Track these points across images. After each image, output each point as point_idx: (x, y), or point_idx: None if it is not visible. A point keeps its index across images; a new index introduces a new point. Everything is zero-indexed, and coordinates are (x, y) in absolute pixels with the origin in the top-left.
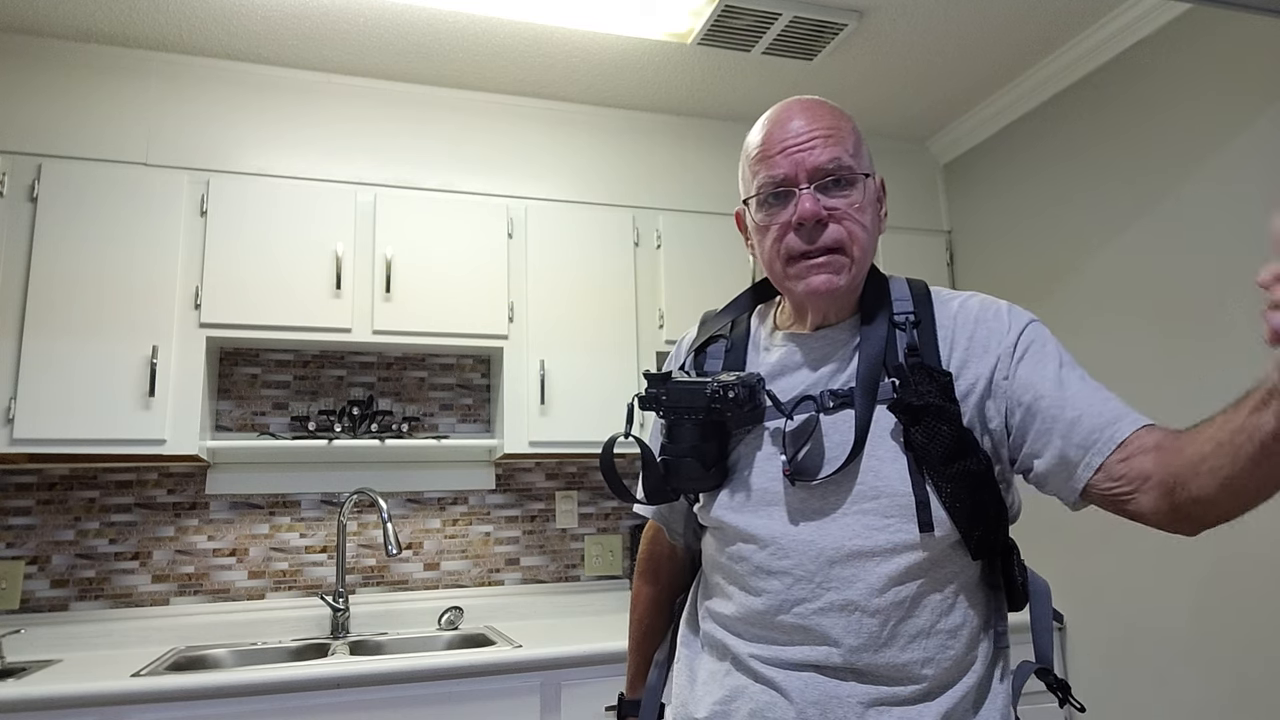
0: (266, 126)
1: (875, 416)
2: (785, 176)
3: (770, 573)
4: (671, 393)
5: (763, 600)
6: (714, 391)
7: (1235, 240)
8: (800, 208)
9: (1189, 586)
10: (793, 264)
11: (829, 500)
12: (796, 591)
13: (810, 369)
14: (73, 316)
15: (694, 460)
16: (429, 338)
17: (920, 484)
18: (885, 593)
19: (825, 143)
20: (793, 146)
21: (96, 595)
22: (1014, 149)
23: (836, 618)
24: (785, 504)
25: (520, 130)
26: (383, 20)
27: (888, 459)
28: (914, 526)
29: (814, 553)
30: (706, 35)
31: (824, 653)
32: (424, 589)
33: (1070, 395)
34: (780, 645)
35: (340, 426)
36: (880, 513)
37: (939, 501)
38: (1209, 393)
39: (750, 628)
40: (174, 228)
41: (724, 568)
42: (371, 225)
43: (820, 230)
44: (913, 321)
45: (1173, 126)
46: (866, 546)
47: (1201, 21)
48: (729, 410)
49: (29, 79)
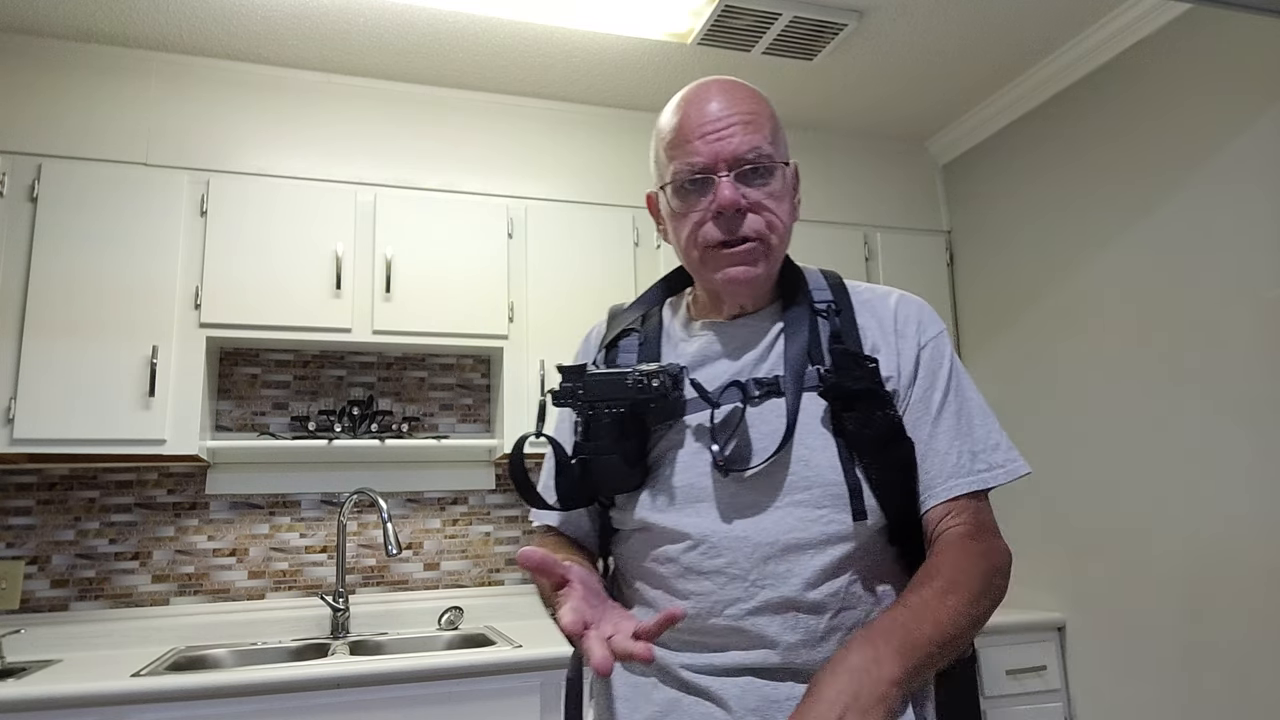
0: (266, 126)
1: (804, 404)
2: (704, 164)
3: (701, 573)
4: (589, 385)
5: (692, 603)
6: (636, 381)
7: (1235, 240)
8: (720, 196)
9: (1188, 588)
10: (710, 253)
11: (761, 493)
12: (729, 591)
13: (732, 358)
14: (73, 316)
15: (616, 458)
16: (429, 338)
17: (851, 471)
18: (821, 586)
19: (744, 129)
20: (711, 133)
21: (96, 595)
22: (1014, 149)
23: (773, 617)
24: (715, 499)
25: (520, 130)
26: (383, 20)
27: (818, 447)
28: (847, 516)
29: (748, 549)
30: (706, 35)
31: (760, 655)
32: (424, 589)
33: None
34: (713, 651)
35: (340, 426)
36: (813, 503)
37: (869, 489)
38: (1208, 393)
39: (677, 635)
40: (174, 228)
41: (647, 573)
42: (371, 225)
43: (739, 220)
44: (834, 310)
45: (1173, 126)
46: (801, 539)
47: (1201, 21)
48: (653, 401)
49: (29, 79)
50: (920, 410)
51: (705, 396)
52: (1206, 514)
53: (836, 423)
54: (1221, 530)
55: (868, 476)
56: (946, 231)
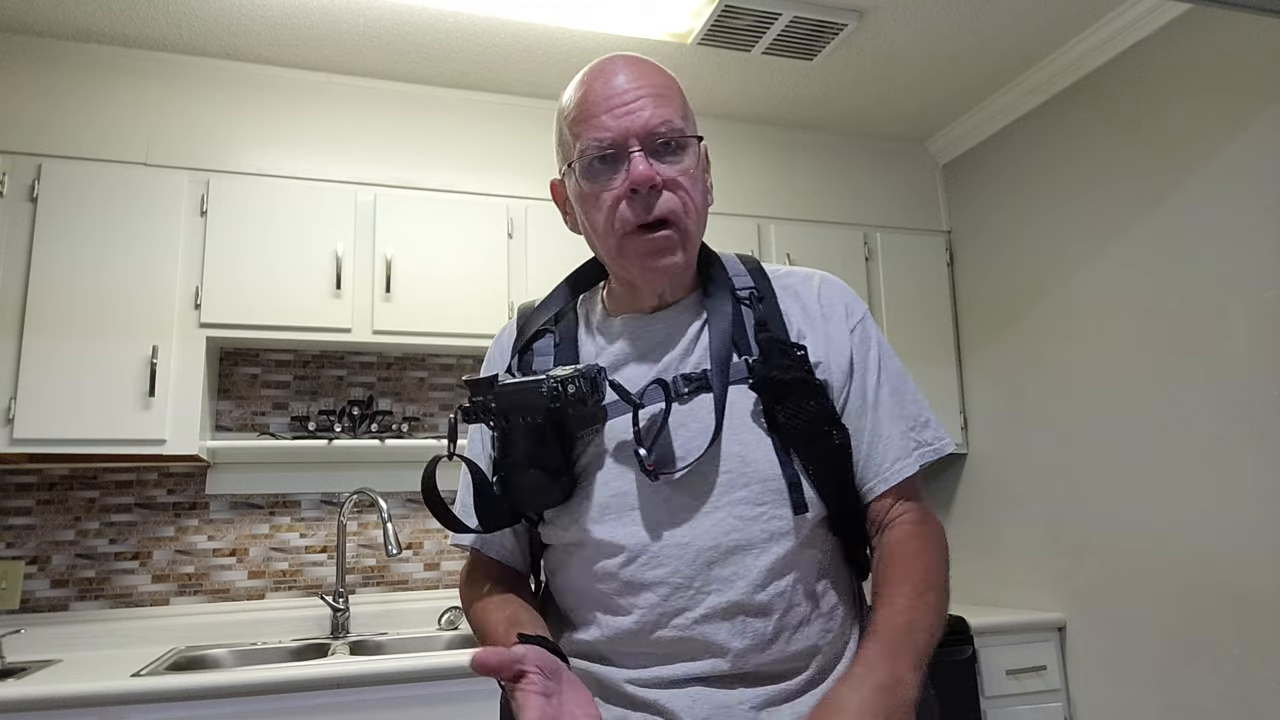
0: (266, 126)
1: (733, 397)
2: (613, 139)
3: (643, 585)
4: (501, 398)
5: (634, 618)
6: (551, 390)
7: (1235, 240)
8: (633, 172)
9: (1188, 588)
10: (629, 240)
11: (696, 495)
12: (674, 602)
13: (654, 354)
14: (73, 316)
15: (537, 472)
16: (429, 338)
17: (788, 464)
18: (768, 587)
19: (654, 102)
20: (619, 106)
21: (96, 595)
22: (1014, 149)
23: (720, 623)
24: (649, 506)
25: (520, 130)
26: (383, 20)
27: (751, 442)
28: (787, 510)
29: (690, 556)
30: (706, 35)
31: (710, 664)
32: (424, 589)
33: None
34: (659, 664)
35: (340, 426)
36: (752, 500)
37: (808, 480)
38: (1208, 392)
39: (619, 649)
40: (174, 228)
41: (585, 590)
42: (371, 225)
43: (655, 197)
44: (757, 296)
45: (1173, 126)
46: (743, 539)
47: (1201, 21)
48: (570, 408)
49: (29, 79)
50: (858, 396)
51: (627, 398)
52: (1207, 514)
53: (769, 415)
54: (1222, 530)
55: (804, 468)
56: (946, 231)
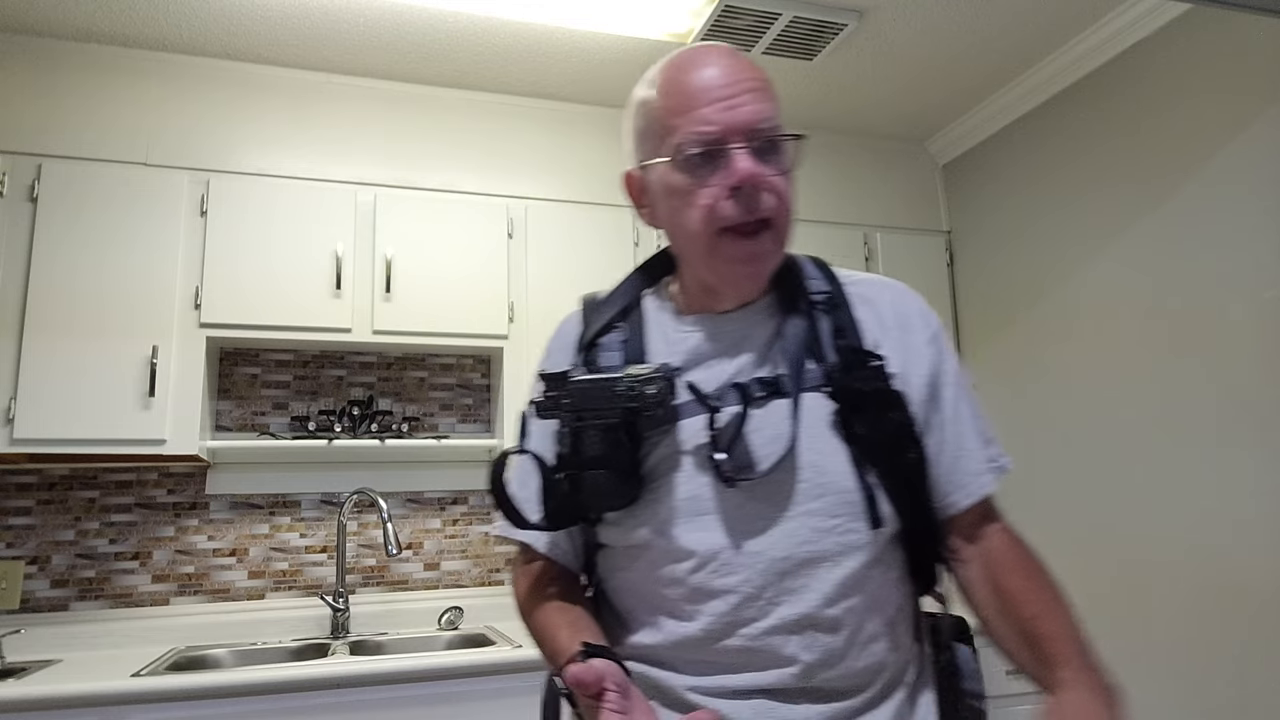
0: (266, 126)
1: (809, 405)
2: (718, 134)
3: (711, 593)
4: (575, 394)
5: (700, 624)
6: (629, 388)
7: (1235, 240)
8: (738, 170)
9: (1189, 588)
10: (725, 238)
11: (770, 503)
12: (743, 611)
13: (729, 355)
14: (73, 316)
15: (606, 472)
16: (429, 338)
17: (864, 476)
18: (839, 601)
19: (756, 97)
20: (721, 99)
21: (96, 595)
22: (1014, 149)
23: (789, 636)
24: (721, 512)
25: (520, 130)
26: (383, 20)
27: (828, 451)
28: (862, 524)
29: (763, 565)
30: (706, 35)
31: (776, 676)
32: (424, 589)
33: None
34: (723, 673)
35: (340, 426)
36: (827, 512)
37: (884, 494)
38: (1208, 392)
39: (682, 656)
40: (174, 228)
41: (648, 595)
42: (371, 225)
43: (757, 196)
44: (833, 302)
45: (1173, 126)
46: (817, 551)
47: (1201, 21)
48: (647, 409)
49: (29, 79)
50: (940, 409)
51: (703, 400)
52: (1207, 513)
53: (845, 425)
54: (1223, 530)
55: (881, 482)
56: (946, 231)
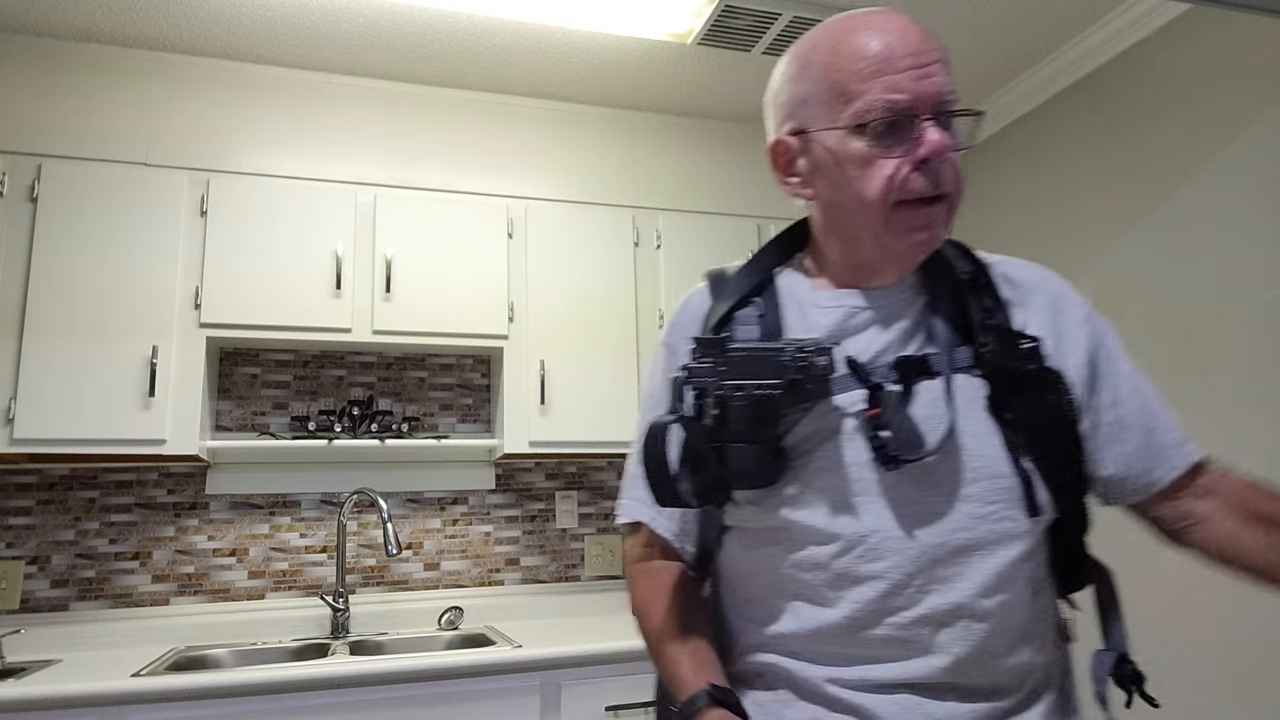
0: (266, 126)
1: (960, 386)
2: (910, 103)
3: (857, 579)
4: (733, 363)
5: (842, 611)
6: (794, 358)
7: (1235, 240)
8: (930, 141)
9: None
10: (902, 211)
11: (923, 487)
12: (892, 600)
13: (875, 333)
14: (73, 317)
15: (758, 447)
16: (429, 338)
17: (1020, 462)
18: (994, 593)
19: (942, 68)
20: (915, 67)
21: (96, 595)
22: (1014, 149)
23: (940, 627)
24: (873, 494)
25: (520, 130)
26: (383, 20)
27: (981, 435)
28: (1019, 512)
29: (915, 551)
30: (706, 35)
31: (923, 667)
32: (424, 589)
33: (1144, 401)
34: (864, 663)
35: (340, 426)
36: (982, 498)
37: (1042, 481)
38: (1208, 393)
39: (821, 646)
40: (174, 228)
41: (776, 579)
42: (371, 225)
43: (943, 170)
44: (981, 283)
45: (1173, 126)
46: (972, 539)
47: (1201, 21)
48: (810, 381)
49: (29, 79)
50: (1104, 386)
51: (863, 376)
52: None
53: (997, 408)
54: None
55: (1037, 468)
56: None
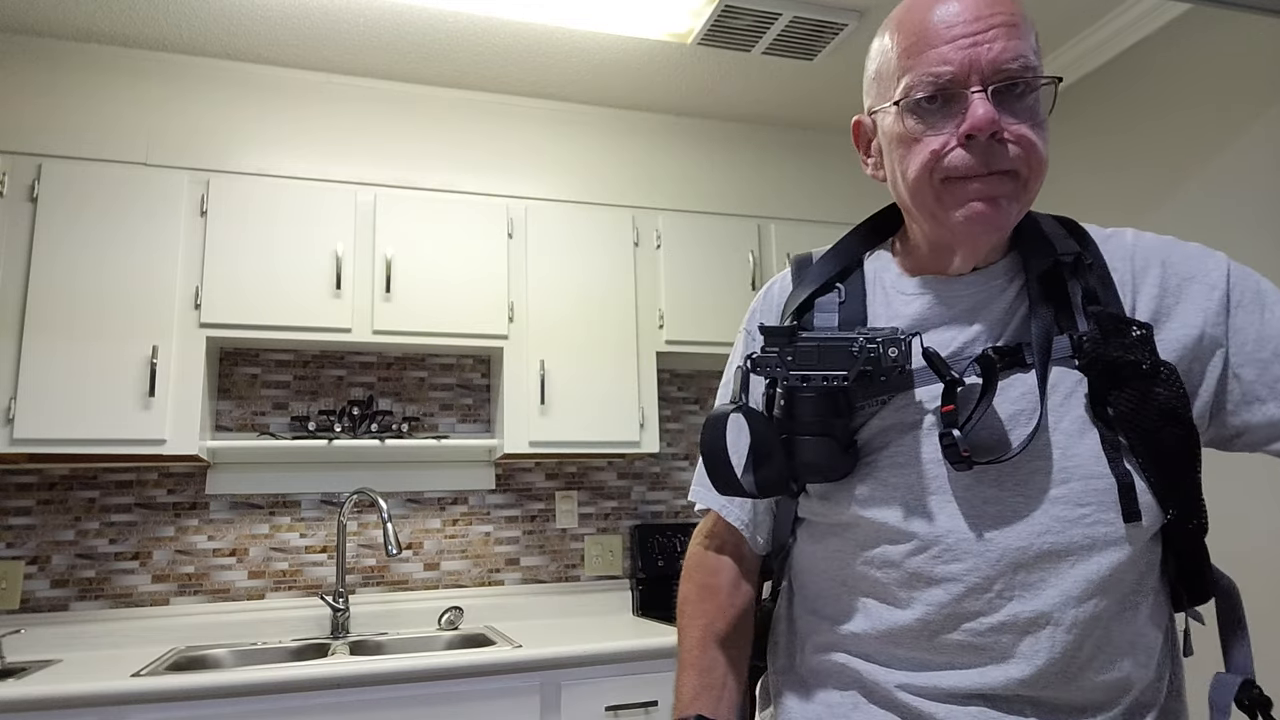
0: (266, 126)
1: (1054, 379)
2: (954, 75)
3: (932, 580)
4: (801, 353)
5: (915, 613)
6: (865, 349)
7: (1235, 240)
8: (973, 116)
9: None
10: (952, 185)
11: (1006, 487)
12: (968, 604)
13: (963, 322)
14: (73, 316)
15: (828, 440)
16: (429, 338)
17: (1119, 462)
18: (1085, 602)
19: (1006, 34)
20: (963, 36)
21: (96, 595)
22: None
23: (1022, 635)
24: (950, 493)
25: (520, 130)
26: (383, 20)
27: (1074, 432)
28: (1116, 516)
29: (995, 554)
30: (706, 35)
31: (1000, 677)
32: (424, 589)
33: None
34: (938, 670)
35: (340, 426)
36: (1073, 500)
37: (1144, 483)
38: None
39: (892, 649)
40: (174, 228)
41: (853, 577)
42: (371, 225)
43: (996, 149)
44: (1086, 263)
45: (1173, 126)
46: (1060, 544)
47: (1201, 21)
48: (882, 374)
49: (29, 79)
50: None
51: (938, 369)
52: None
53: (1098, 403)
54: (1222, 529)
55: (1140, 469)
56: None
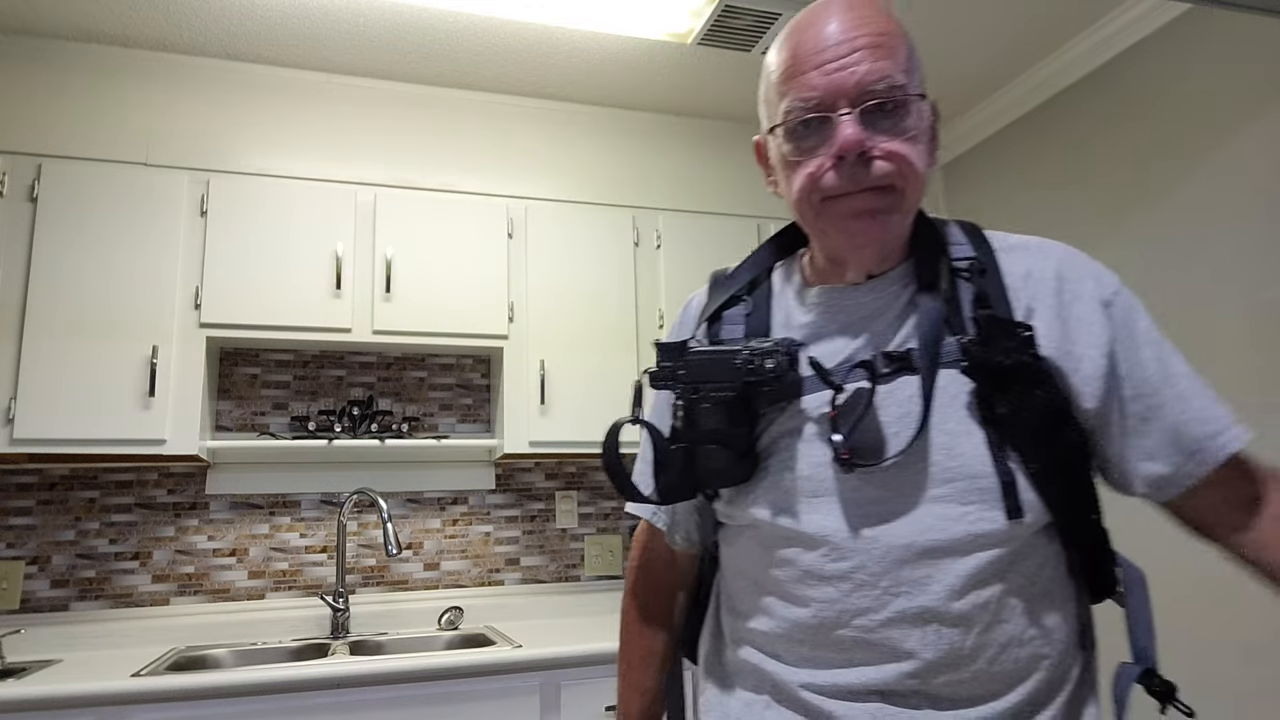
0: (266, 126)
1: (942, 382)
2: (820, 100)
3: (823, 578)
4: (692, 366)
5: (812, 611)
6: (747, 361)
7: (1234, 240)
8: (841, 137)
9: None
10: (829, 204)
11: (892, 488)
12: (857, 600)
13: (855, 330)
14: (73, 317)
15: (719, 447)
16: (429, 338)
17: (1002, 461)
18: (967, 595)
19: (871, 55)
20: (830, 61)
21: (96, 595)
22: (1013, 149)
23: (909, 629)
24: (838, 495)
25: (520, 130)
26: (383, 20)
27: (960, 433)
28: (999, 513)
29: (879, 552)
30: (706, 35)
31: (893, 673)
32: (424, 589)
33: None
34: (837, 668)
35: (340, 426)
36: (956, 499)
37: (1027, 481)
38: None
39: (796, 647)
40: (174, 228)
41: (758, 575)
42: (371, 225)
43: (865, 167)
44: (978, 268)
45: (1172, 126)
46: (943, 541)
47: (1201, 21)
48: (766, 384)
49: (29, 79)
50: (1129, 379)
51: (825, 377)
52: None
53: (984, 405)
54: None
55: (1025, 467)
56: None
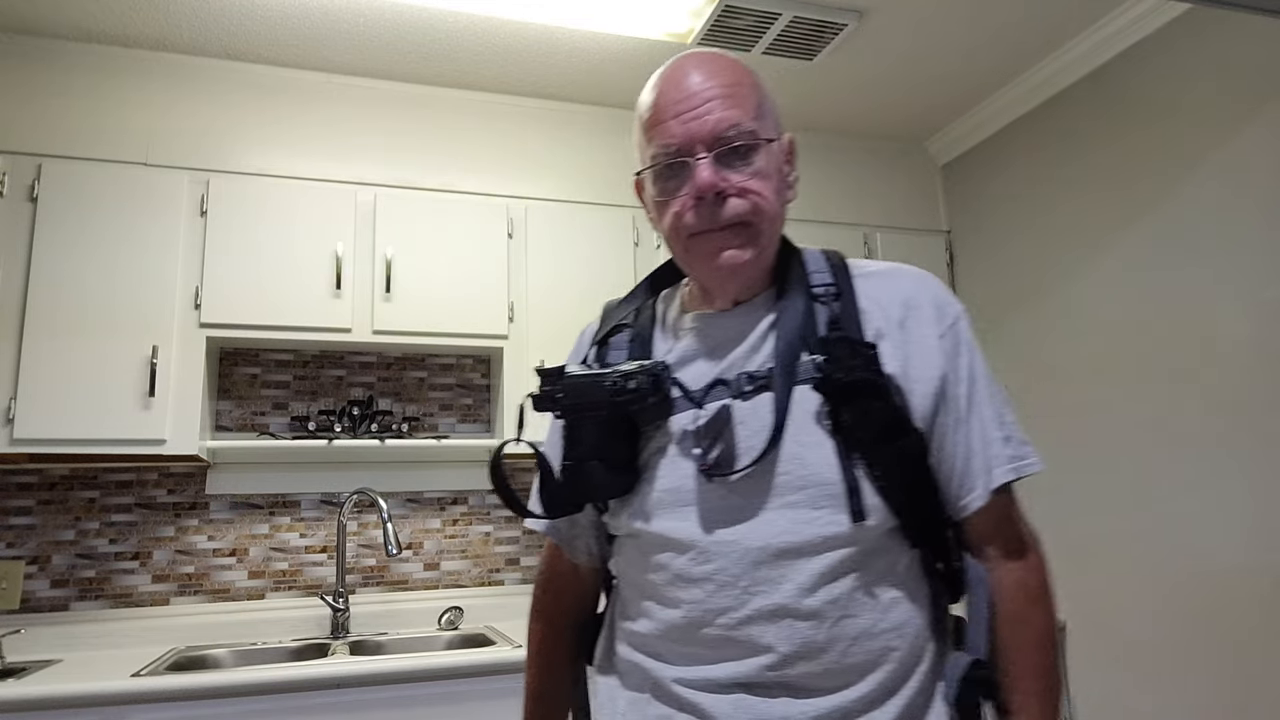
0: (266, 126)
1: (797, 398)
2: (678, 146)
3: (690, 580)
4: (568, 389)
5: (682, 612)
6: (614, 384)
7: (1234, 240)
8: (697, 180)
9: (1189, 589)
10: (694, 241)
11: (750, 495)
12: (719, 599)
13: (722, 352)
14: (73, 317)
15: (598, 464)
16: (429, 338)
17: (849, 469)
18: (817, 592)
19: (723, 104)
20: (686, 111)
21: (96, 595)
22: (1013, 149)
23: (766, 625)
24: (701, 503)
25: (520, 130)
26: (383, 20)
27: (812, 444)
28: (845, 516)
29: (737, 554)
30: (706, 35)
31: (754, 666)
32: (424, 589)
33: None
34: (706, 663)
35: (340, 426)
36: (808, 504)
37: (871, 487)
38: (1206, 394)
39: (671, 645)
40: (174, 228)
41: (640, 581)
42: (371, 225)
43: (720, 205)
44: (833, 294)
45: (1172, 126)
46: (795, 543)
47: (1201, 21)
48: (634, 404)
49: (29, 79)
50: (946, 409)
51: (689, 396)
52: (1205, 514)
53: (833, 417)
54: (1220, 530)
55: (870, 474)
56: (946, 232)
